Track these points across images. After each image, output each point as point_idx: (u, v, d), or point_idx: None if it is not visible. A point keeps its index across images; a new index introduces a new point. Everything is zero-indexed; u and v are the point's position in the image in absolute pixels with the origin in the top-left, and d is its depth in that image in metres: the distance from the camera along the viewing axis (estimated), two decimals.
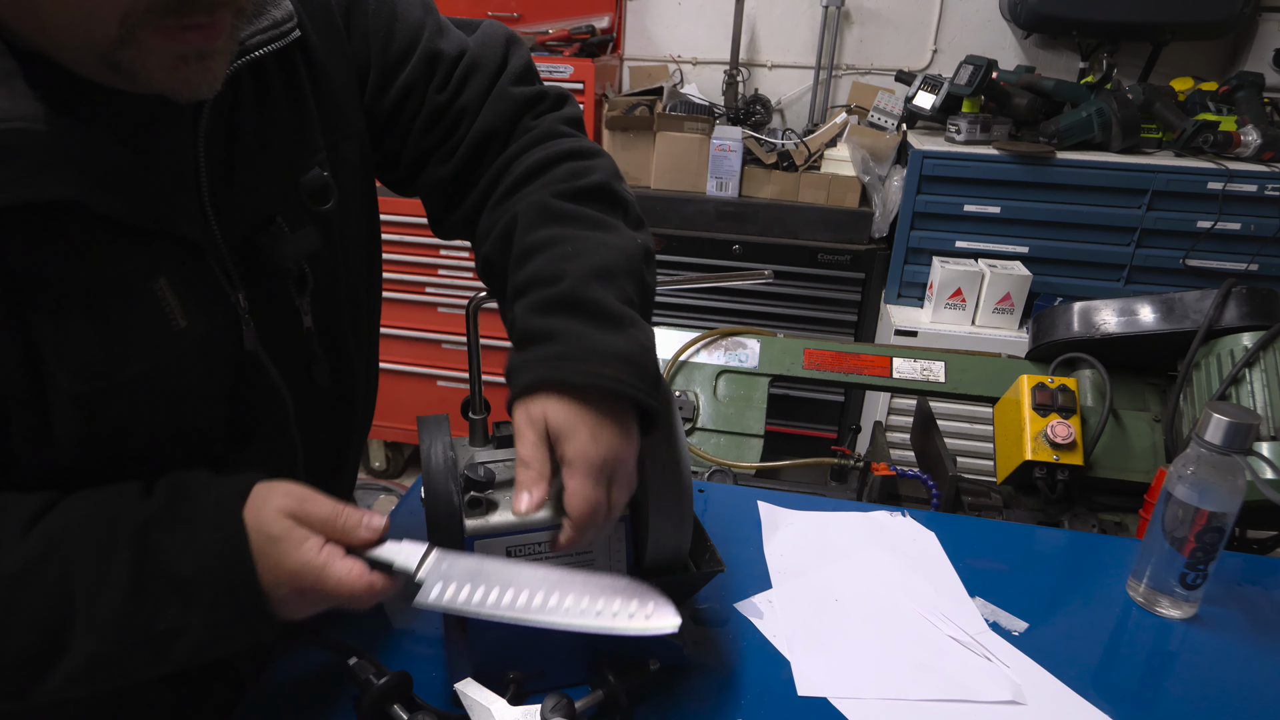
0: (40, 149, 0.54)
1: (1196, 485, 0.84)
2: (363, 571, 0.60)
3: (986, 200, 2.32)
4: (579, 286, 0.65)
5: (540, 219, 0.71)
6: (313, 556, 0.58)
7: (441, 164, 0.81)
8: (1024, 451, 1.20)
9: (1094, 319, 1.29)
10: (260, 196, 0.70)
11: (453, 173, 0.81)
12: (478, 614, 0.60)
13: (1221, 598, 0.92)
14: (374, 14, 0.77)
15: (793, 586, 0.91)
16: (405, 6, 0.79)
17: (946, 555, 0.97)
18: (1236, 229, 2.23)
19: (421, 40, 0.79)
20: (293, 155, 0.72)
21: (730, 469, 1.29)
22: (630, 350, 0.63)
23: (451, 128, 0.80)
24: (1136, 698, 0.78)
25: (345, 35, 0.76)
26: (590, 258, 0.67)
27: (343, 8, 0.76)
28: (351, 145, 0.78)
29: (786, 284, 2.53)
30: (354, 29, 0.77)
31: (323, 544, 0.59)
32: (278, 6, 0.67)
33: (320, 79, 0.74)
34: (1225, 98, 2.41)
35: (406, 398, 2.83)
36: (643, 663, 0.72)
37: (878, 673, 0.79)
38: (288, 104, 0.71)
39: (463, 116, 0.80)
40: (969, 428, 2.25)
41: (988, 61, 2.33)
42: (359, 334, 0.85)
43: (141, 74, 0.54)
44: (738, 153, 2.47)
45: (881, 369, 1.43)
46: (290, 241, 0.70)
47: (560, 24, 2.83)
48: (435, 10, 0.82)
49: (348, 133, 0.77)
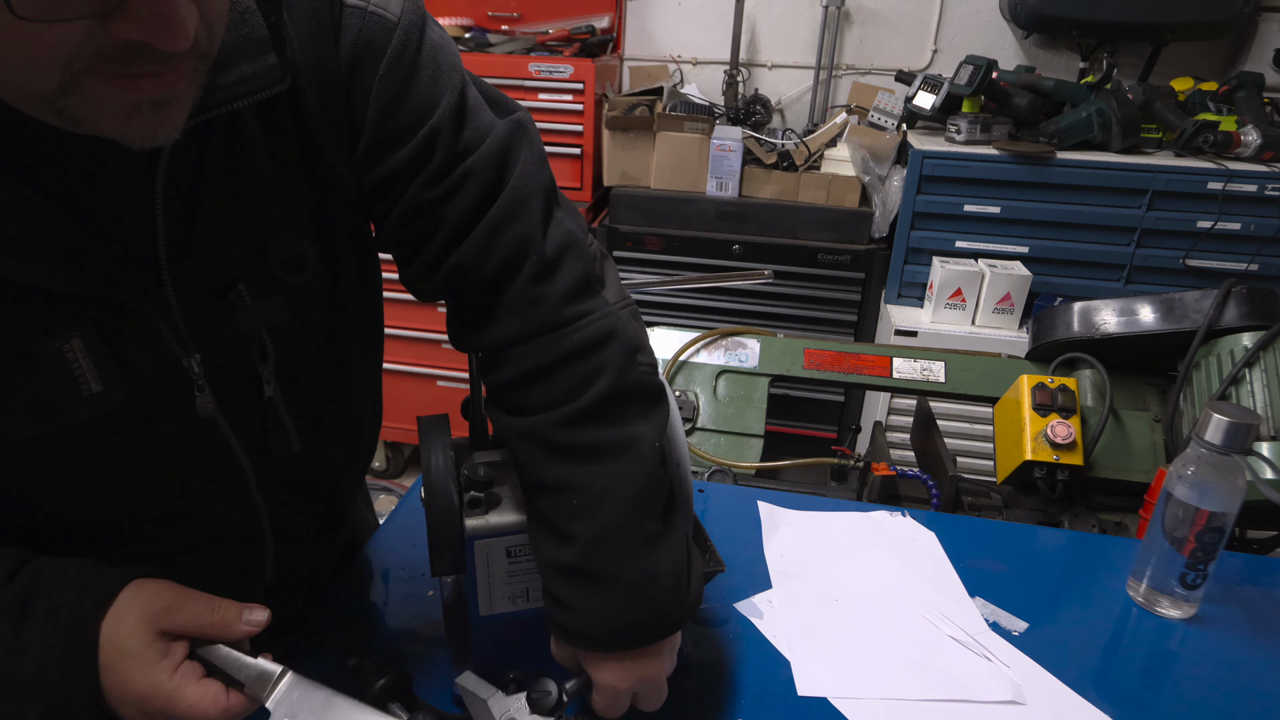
0: None
1: (1196, 485, 0.84)
2: (217, 696, 0.57)
3: (986, 200, 2.32)
4: (591, 556, 0.63)
5: (544, 456, 0.65)
6: (164, 679, 0.56)
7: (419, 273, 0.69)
8: (1024, 451, 1.20)
9: (1094, 319, 1.28)
10: (221, 261, 0.63)
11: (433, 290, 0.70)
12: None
13: (1221, 598, 0.92)
14: (382, 79, 0.63)
15: (793, 586, 0.91)
16: (424, 79, 0.65)
17: (946, 555, 0.97)
18: (1236, 229, 2.23)
19: (428, 121, 0.64)
20: (266, 219, 0.64)
21: (730, 469, 1.29)
22: (652, 600, 0.64)
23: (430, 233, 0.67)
24: (1136, 698, 0.78)
25: (345, 93, 0.64)
26: (601, 516, 0.63)
27: (349, 61, 0.63)
28: (345, 211, 0.69)
29: (786, 284, 2.53)
30: (355, 89, 0.64)
31: (178, 664, 0.57)
32: (265, 55, 0.58)
33: (311, 137, 0.64)
34: (1225, 98, 2.41)
35: (406, 398, 2.83)
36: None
37: (878, 673, 0.79)
38: (267, 162, 0.63)
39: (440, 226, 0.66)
40: (969, 428, 2.25)
41: (988, 61, 2.33)
42: (339, 400, 0.78)
43: (89, 121, 0.49)
44: (738, 153, 2.47)
45: (881, 369, 1.43)
46: (248, 311, 0.65)
47: (560, 24, 2.83)
48: (461, 83, 0.66)
49: (341, 195, 0.68)
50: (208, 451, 0.68)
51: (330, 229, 0.69)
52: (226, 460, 0.69)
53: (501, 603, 0.70)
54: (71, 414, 0.59)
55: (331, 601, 0.85)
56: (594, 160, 2.63)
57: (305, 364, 0.72)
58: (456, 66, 0.66)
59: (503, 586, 0.69)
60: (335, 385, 0.77)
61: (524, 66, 2.53)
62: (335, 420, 0.79)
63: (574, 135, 2.59)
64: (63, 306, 0.57)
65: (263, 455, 0.72)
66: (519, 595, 0.70)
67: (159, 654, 0.56)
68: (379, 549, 0.94)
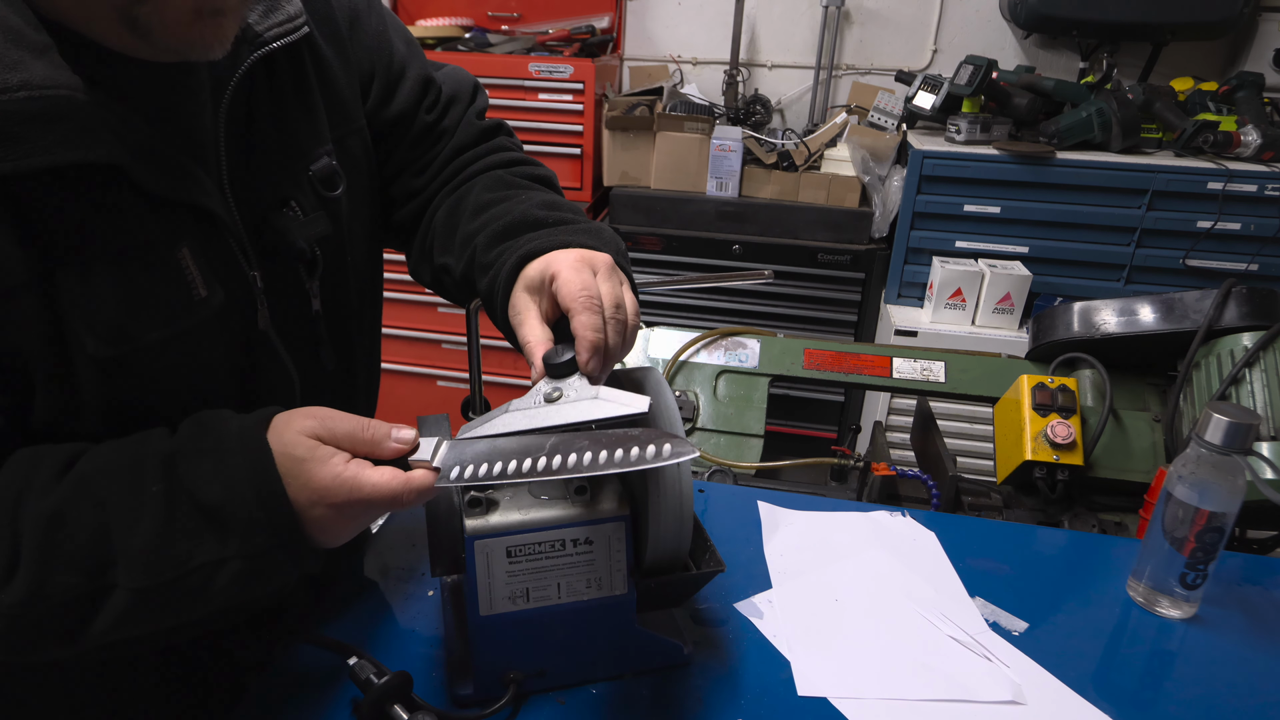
0: (84, 115, 0.56)
1: (1196, 485, 0.84)
2: (395, 472, 0.59)
3: (986, 200, 2.32)
4: (532, 210, 0.76)
5: (498, 184, 0.83)
6: (341, 469, 0.58)
7: (415, 176, 0.90)
8: (1024, 451, 1.20)
9: (1094, 319, 1.28)
10: (275, 179, 0.73)
11: (424, 184, 0.90)
12: (502, 484, 0.62)
13: (1221, 598, 0.92)
14: (374, 34, 0.85)
15: (793, 586, 0.91)
16: (395, 37, 0.88)
17: (946, 555, 0.97)
18: (1236, 229, 2.23)
19: (411, 66, 0.89)
20: (304, 143, 0.76)
21: (730, 469, 1.29)
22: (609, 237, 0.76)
23: (431, 145, 0.90)
24: (1136, 698, 0.78)
25: (348, 44, 0.82)
26: (547, 196, 0.81)
27: (346, 22, 0.82)
28: (355, 140, 0.83)
29: (786, 284, 2.53)
30: (357, 42, 0.83)
31: (349, 458, 0.59)
32: (289, 3, 0.71)
33: (326, 76, 0.78)
34: (1225, 98, 2.41)
35: (406, 398, 2.83)
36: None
37: (878, 673, 0.79)
38: (297, 96, 0.75)
39: (442, 136, 0.91)
40: (969, 428, 2.25)
41: (988, 61, 2.33)
42: (362, 321, 0.89)
43: (158, 29, 0.57)
44: (738, 153, 2.47)
45: (881, 369, 1.43)
46: (304, 224, 0.74)
47: (560, 24, 2.83)
48: (417, 44, 0.92)
49: (351, 129, 0.82)
50: (266, 363, 0.74)
51: (345, 155, 0.81)
52: (280, 373, 0.75)
53: (501, 603, 0.70)
54: (187, 317, 0.65)
55: (331, 602, 0.86)
56: (594, 160, 2.63)
57: (341, 280, 0.82)
58: (404, 27, 0.92)
59: (503, 586, 0.69)
60: (363, 303, 0.88)
61: (524, 66, 2.52)
62: (361, 340, 0.89)
63: (574, 135, 2.59)
64: (175, 215, 0.64)
65: (309, 369, 0.79)
66: (519, 595, 0.70)
67: (328, 452, 0.59)
68: (379, 549, 0.95)
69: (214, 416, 0.62)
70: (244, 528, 0.57)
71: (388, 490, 0.58)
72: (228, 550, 0.57)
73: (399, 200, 0.91)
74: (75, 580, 0.56)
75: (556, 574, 0.70)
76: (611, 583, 0.71)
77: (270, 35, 0.69)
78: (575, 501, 0.68)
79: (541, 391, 0.64)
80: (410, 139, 0.89)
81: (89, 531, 0.56)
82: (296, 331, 0.77)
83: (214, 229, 0.67)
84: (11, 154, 0.54)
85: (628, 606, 0.72)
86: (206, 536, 0.57)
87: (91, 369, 0.61)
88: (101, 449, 0.60)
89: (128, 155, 0.59)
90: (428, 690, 0.74)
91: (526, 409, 0.63)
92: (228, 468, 0.58)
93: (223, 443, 0.59)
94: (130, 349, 0.62)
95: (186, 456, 0.59)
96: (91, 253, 0.59)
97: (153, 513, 0.57)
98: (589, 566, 0.70)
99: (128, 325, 0.62)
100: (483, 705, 0.70)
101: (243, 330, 0.71)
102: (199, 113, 0.67)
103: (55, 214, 0.57)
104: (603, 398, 0.62)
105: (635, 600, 0.72)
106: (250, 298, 0.71)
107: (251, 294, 0.71)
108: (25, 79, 0.54)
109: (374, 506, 0.59)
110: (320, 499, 0.58)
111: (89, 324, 0.60)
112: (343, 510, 0.59)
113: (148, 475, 0.58)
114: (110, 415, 0.63)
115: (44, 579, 0.55)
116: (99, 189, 0.59)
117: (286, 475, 0.58)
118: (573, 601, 0.70)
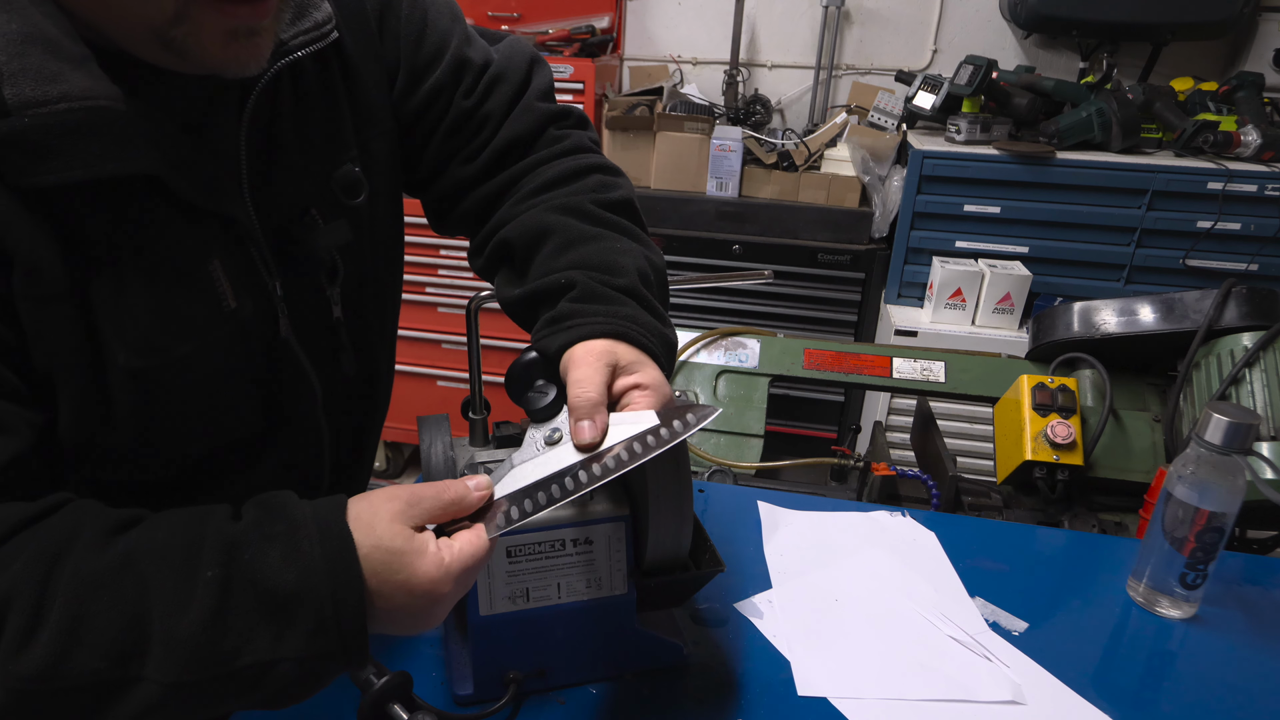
0: (123, 126, 0.56)
1: (1196, 485, 0.84)
2: (471, 537, 0.57)
3: (986, 200, 2.32)
4: (638, 283, 0.72)
5: (580, 218, 0.77)
6: (446, 558, 0.55)
7: (464, 165, 0.84)
8: (1024, 451, 1.20)
9: (1094, 319, 1.29)
10: (296, 188, 0.73)
11: (474, 174, 0.84)
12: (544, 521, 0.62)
13: (1221, 598, 0.92)
14: (406, 18, 0.80)
15: (793, 586, 0.91)
16: (435, 14, 0.82)
17: (946, 555, 0.97)
18: (1236, 229, 2.23)
19: (450, 46, 0.82)
20: (327, 151, 0.75)
21: (730, 469, 1.29)
22: (671, 340, 0.73)
23: (475, 132, 0.84)
24: (1136, 698, 0.78)
25: (378, 38, 0.79)
26: (638, 260, 0.75)
27: (376, 11, 0.79)
28: (382, 144, 0.81)
29: (786, 284, 2.53)
30: (386, 32, 0.80)
31: (434, 539, 0.56)
32: (318, 9, 0.70)
33: (354, 79, 0.77)
34: (1225, 98, 2.41)
35: (406, 398, 2.83)
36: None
37: (878, 673, 0.79)
38: (323, 102, 0.74)
39: (486, 122, 0.83)
40: (969, 428, 2.25)
41: (988, 61, 2.33)
42: (383, 325, 0.88)
43: (194, 50, 0.57)
44: (738, 153, 2.47)
45: (881, 369, 1.43)
46: (324, 232, 0.74)
47: (560, 24, 2.83)
48: (463, 20, 0.85)
49: (378, 131, 0.80)
50: (288, 371, 0.74)
51: (370, 160, 0.79)
52: (302, 380, 0.75)
53: (501, 603, 0.70)
54: (217, 329, 0.65)
55: None
56: None
57: (362, 287, 0.81)
58: (452, 4, 0.86)
59: (503, 586, 0.69)
60: (383, 308, 0.87)
61: None
62: (382, 345, 0.88)
63: None
64: (207, 225, 0.64)
65: (330, 375, 0.79)
66: (519, 595, 0.70)
67: (426, 542, 0.55)
68: None
69: (282, 499, 0.56)
70: (310, 625, 0.52)
71: (474, 554, 0.56)
72: (282, 649, 0.51)
73: (450, 194, 0.86)
74: (100, 666, 0.49)
75: (556, 574, 0.70)
76: (611, 583, 0.71)
77: (296, 44, 0.68)
78: (575, 501, 0.68)
79: (539, 438, 0.64)
80: (447, 127, 0.83)
81: (125, 615, 0.50)
82: (317, 339, 0.77)
83: (239, 241, 0.67)
84: (54, 168, 0.54)
85: (627, 606, 0.72)
86: (261, 632, 0.51)
87: (123, 380, 0.60)
88: (156, 520, 0.55)
89: (166, 166, 0.59)
90: (428, 690, 0.74)
91: (533, 459, 0.63)
92: (302, 555, 0.52)
93: (298, 528, 0.53)
94: (161, 361, 0.62)
95: (251, 544, 0.53)
96: (126, 264, 0.59)
97: (203, 604, 0.50)
98: (589, 566, 0.70)
99: (159, 337, 0.62)
100: (483, 705, 0.70)
101: (264, 339, 0.71)
102: (225, 123, 0.67)
103: (92, 224, 0.57)
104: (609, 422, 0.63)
105: (635, 600, 0.72)
106: (270, 307, 0.71)
107: (271, 303, 0.71)
108: (65, 91, 0.54)
109: (472, 577, 0.57)
110: (420, 593, 0.54)
111: (121, 336, 0.59)
112: (450, 599, 0.56)
113: (204, 561, 0.52)
114: (141, 427, 0.63)
115: (66, 653, 0.49)
116: (136, 200, 0.59)
117: (383, 569, 0.53)
118: (573, 601, 0.70)
